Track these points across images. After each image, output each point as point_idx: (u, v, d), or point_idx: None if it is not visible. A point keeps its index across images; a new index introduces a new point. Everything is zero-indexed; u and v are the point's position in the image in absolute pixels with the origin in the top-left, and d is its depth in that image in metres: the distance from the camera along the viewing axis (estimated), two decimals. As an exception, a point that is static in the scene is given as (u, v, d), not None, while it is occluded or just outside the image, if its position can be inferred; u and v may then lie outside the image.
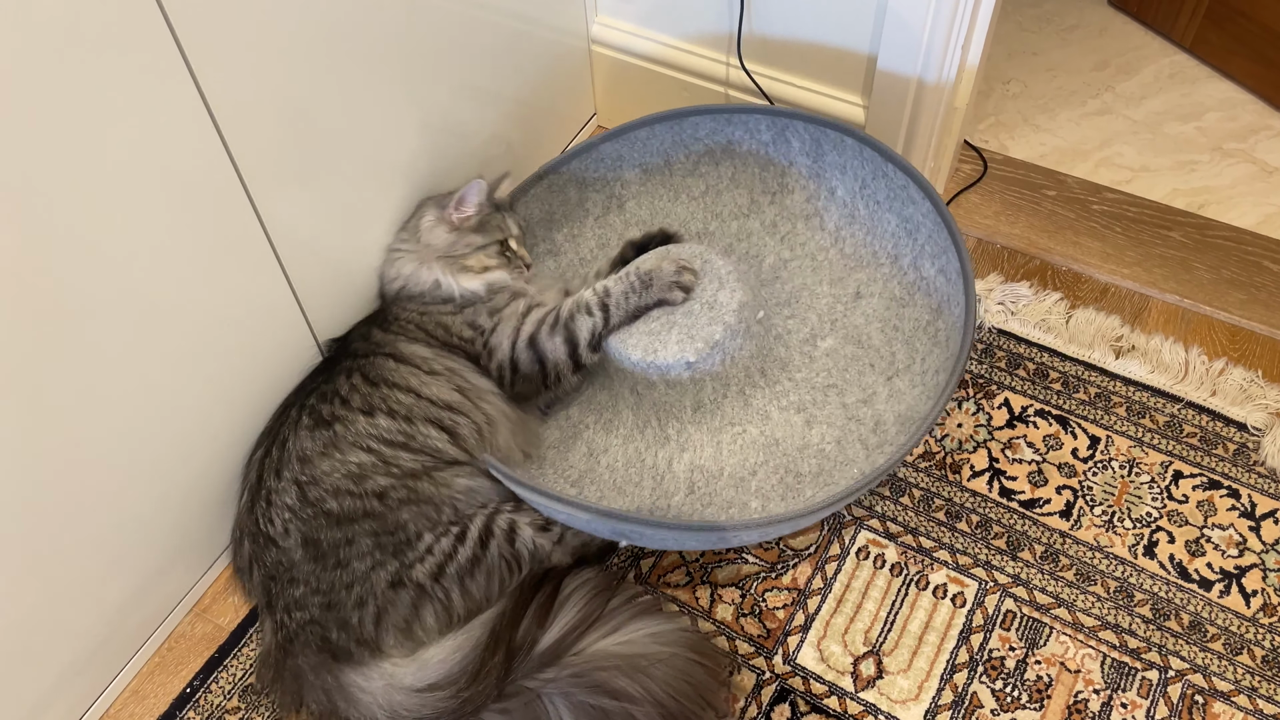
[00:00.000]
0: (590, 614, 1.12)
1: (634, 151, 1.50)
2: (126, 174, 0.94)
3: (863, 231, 1.40)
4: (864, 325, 1.35)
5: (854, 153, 1.36)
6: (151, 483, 1.12)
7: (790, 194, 1.46)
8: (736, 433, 1.29)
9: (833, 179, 1.41)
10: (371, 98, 1.22)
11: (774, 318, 1.35)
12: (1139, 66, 1.88)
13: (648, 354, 1.26)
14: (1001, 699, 1.16)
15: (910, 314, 1.33)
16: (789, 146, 1.43)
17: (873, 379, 1.31)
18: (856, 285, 1.38)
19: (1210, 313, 1.49)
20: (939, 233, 1.28)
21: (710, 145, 1.48)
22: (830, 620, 1.22)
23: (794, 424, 1.29)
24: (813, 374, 1.32)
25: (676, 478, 1.28)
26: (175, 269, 1.04)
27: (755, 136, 1.44)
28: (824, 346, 1.34)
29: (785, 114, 1.39)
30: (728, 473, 1.27)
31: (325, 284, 1.26)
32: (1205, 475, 1.32)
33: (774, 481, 1.25)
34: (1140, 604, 1.22)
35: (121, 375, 1.03)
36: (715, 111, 1.43)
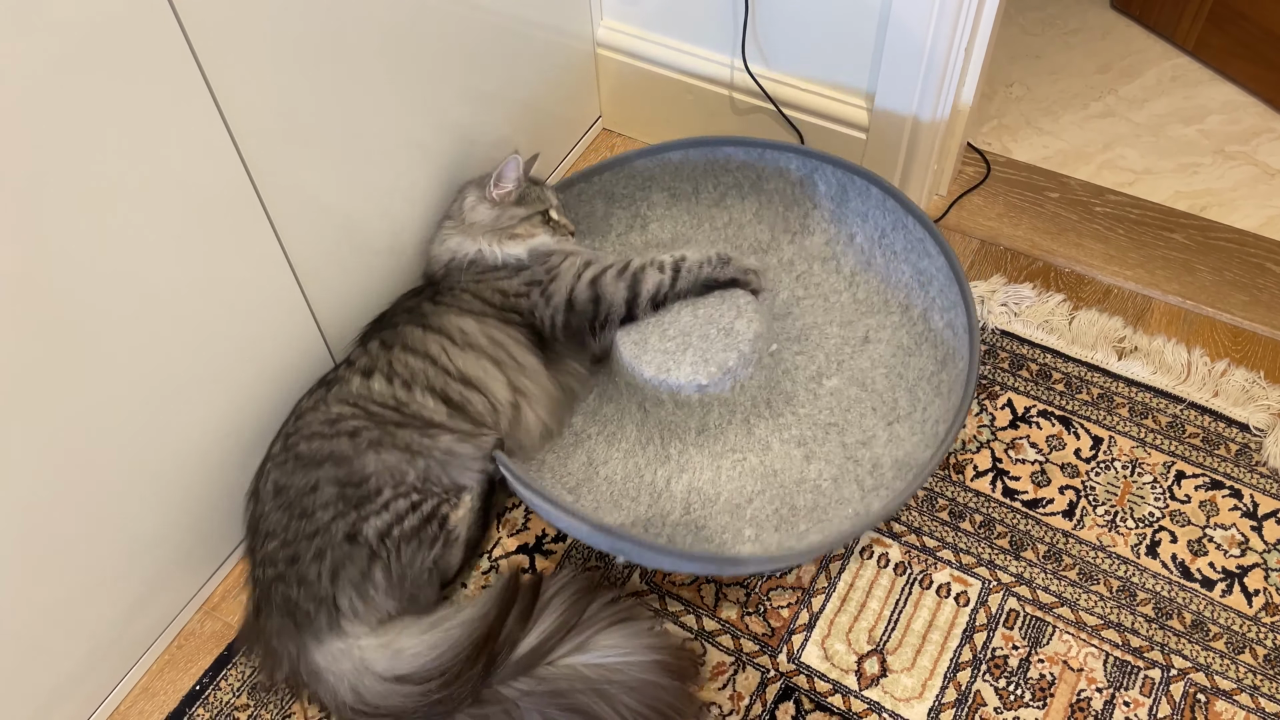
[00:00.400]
0: (568, 622, 1.13)
1: (665, 174, 1.53)
2: (138, 183, 0.95)
3: (877, 279, 1.43)
4: (869, 369, 1.37)
5: (877, 202, 1.40)
6: (161, 483, 1.13)
7: (811, 235, 1.49)
8: (737, 459, 1.31)
9: (853, 225, 1.45)
10: (379, 102, 1.23)
11: (784, 351, 1.37)
12: (1141, 69, 1.89)
13: (660, 371, 1.28)
14: (1005, 697, 1.17)
15: (915, 363, 1.35)
16: (815, 189, 1.47)
17: (873, 422, 1.33)
18: (866, 330, 1.41)
19: (1212, 314, 1.50)
20: (950, 288, 1.31)
21: (739, 178, 1.52)
22: (834, 619, 1.23)
23: (794, 457, 1.31)
24: (816, 411, 1.35)
25: (674, 497, 1.30)
26: (185, 270, 1.05)
27: (784, 176, 1.48)
28: (829, 385, 1.37)
29: (816, 156, 1.43)
30: (724, 498, 1.29)
31: (335, 285, 1.27)
32: (1207, 475, 1.33)
33: (769, 511, 1.27)
34: (1143, 603, 1.23)
35: (129, 375, 1.04)
36: (749, 144, 1.46)
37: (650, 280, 1.30)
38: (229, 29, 0.99)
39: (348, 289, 1.30)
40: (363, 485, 1.15)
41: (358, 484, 1.15)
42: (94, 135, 0.90)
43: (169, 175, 0.99)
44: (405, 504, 1.17)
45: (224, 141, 1.03)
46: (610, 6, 1.64)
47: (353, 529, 1.14)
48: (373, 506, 1.15)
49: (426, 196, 1.38)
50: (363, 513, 1.15)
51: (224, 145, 1.03)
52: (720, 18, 1.54)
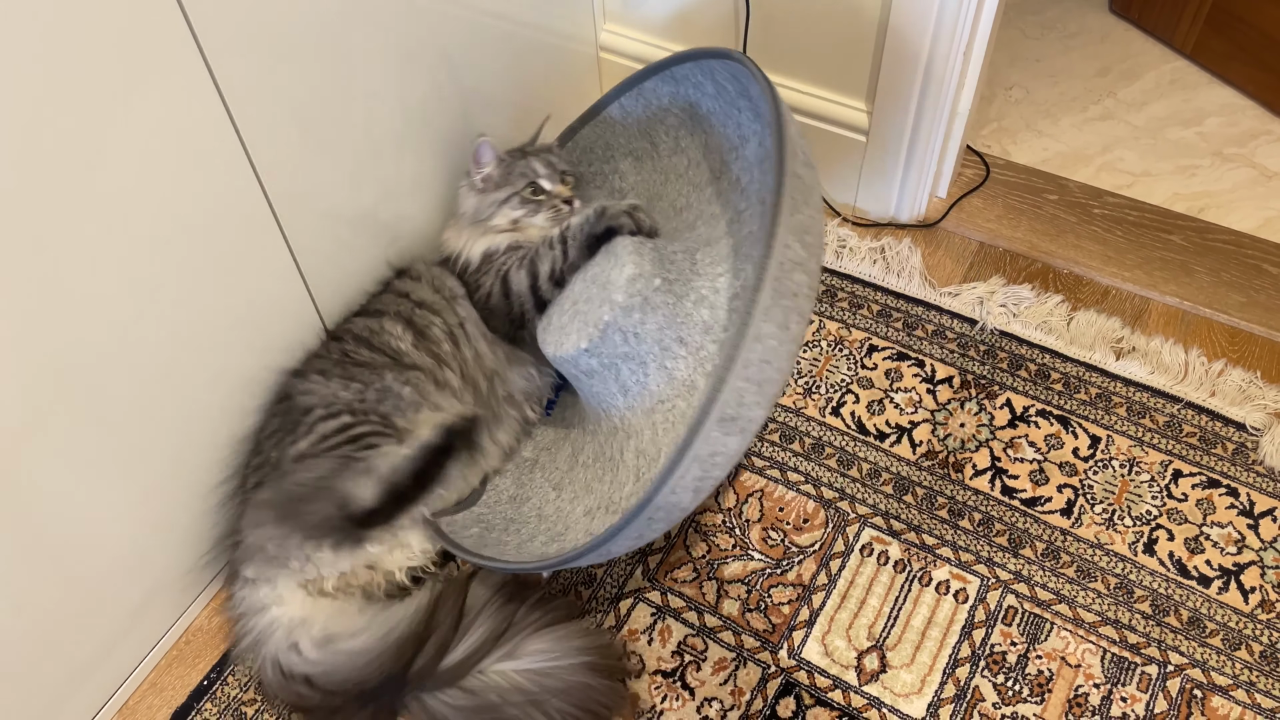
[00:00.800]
0: (496, 629, 1.14)
1: (619, 138, 1.49)
2: (143, 180, 0.97)
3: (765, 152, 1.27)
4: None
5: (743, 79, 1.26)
6: (168, 480, 1.15)
7: (747, 143, 1.33)
8: (666, 410, 1.20)
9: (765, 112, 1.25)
10: (383, 102, 1.25)
11: (698, 280, 1.22)
12: (1140, 73, 1.91)
13: (559, 348, 1.23)
14: (1003, 693, 1.18)
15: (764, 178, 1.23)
16: (728, 93, 1.33)
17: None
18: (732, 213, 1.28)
19: (1210, 315, 1.51)
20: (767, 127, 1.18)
21: (680, 115, 1.41)
22: (834, 615, 1.25)
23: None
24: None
25: (627, 467, 1.22)
26: (190, 265, 1.07)
27: (702, 90, 1.37)
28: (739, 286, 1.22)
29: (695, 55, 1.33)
30: (665, 453, 1.18)
31: (341, 284, 1.29)
32: (1204, 474, 1.34)
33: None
34: (1140, 600, 1.24)
35: (138, 370, 1.05)
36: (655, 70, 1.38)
37: (545, 261, 1.28)
38: (237, 30, 1.00)
39: (351, 284, 1.32)
40: (297, 410, 1.20)
41: (296, 411, 1.20)
42: (99, 131, 0.92)
43: (174, 169, 1.00)
44: (333, 424, 1.18)
45: (234, 143, 1.05)
46: (612, 10, 1.66)
47: (281, 453, 1.17)
48: (302, 428, 1.18)
49: (429, 197, 1.39)
50: (294, 435, 1.18)
51: (234, 147, 1.05)
52: (721, 21, 1.55)
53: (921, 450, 1.39)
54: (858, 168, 1.59)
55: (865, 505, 1.34)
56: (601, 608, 1.27)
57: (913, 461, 1.38)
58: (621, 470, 1.22)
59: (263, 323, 1.20)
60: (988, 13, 1.39)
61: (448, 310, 1.31)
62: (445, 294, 1.32)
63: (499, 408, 1.33)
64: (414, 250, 1.40)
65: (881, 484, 1.36)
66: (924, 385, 1.46)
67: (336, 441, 1.17)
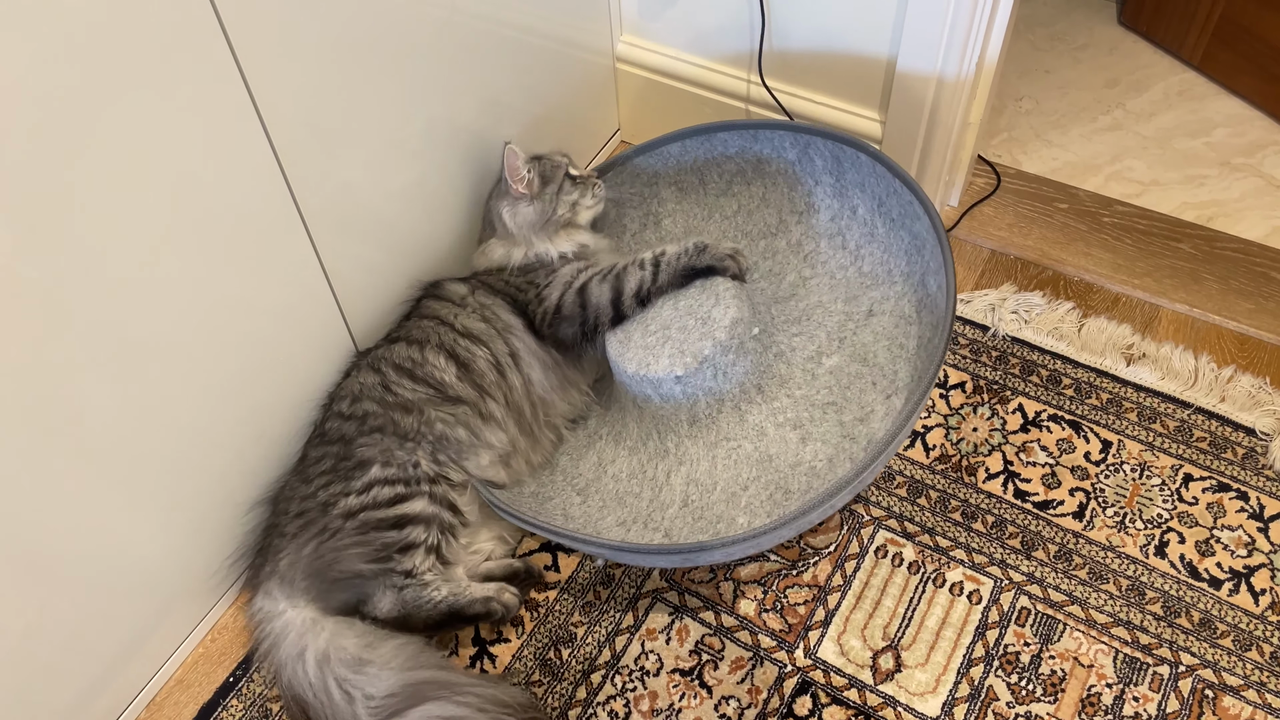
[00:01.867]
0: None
1: (669, 169, 1.55)
2: (177, 187, 1.00)
3: (880, 249, 1.42)
4: (872, 343, 1.36)
5: (869, 170, 1.40)
6: (196, 483, 1.17)
7: (816, 213, 1.49)
8: (731, 448, 1.31)
9: (855, 197, 1.44)
10: (406, 111, 1.27)
11: (778, 334, 1.36)
12: (1149, 84, 1.93)
13: (641, 367, 1.29)
14: (1017, 692, 1.19)
15: (916, 332, 1.34)
16: (813, 165, 1.47)
17: (873, 397, 1.31)
18: (870, 303, 1.40)
19: (1219, 322, 1.53)
20: (936, 252, 1.29)
21: (741, 164, 1.52)
22: (850, 616, 1.26)
23: (789, 440, 1.30)
24: (813, 391, 1.33)
25: (673, 490, 1.31)
26: (221, 276, 1.09)
27: (782, 155, 1.48)
28: (828, 364, 1.35)
29: (806, 130, 1.44)
30: (720, 486, 1.28)
31: (367, 290, 1.32)
32: (1215, 478, 1.36)
33: (763, 498, 1.26)
34: (1151, 602, 1.26)
35: (171, 375, 1.08)
36: (740, 127, 1.47)
37: (632, 278, 1.32)
38: (272, 45, 1.03)
39: (377, 293, 1.35)
40: (354, 459, 1.22)
41: (353, 460, 1.22)
42: (132, 139, 0.94)
43: (209, 179, 1.03)
44: (388, 492, 1.21)
45: (265, 149, 1.07)
46: (630, 22, 1.69)
47: (331, 498, 1.20)
48: (357, 482, 1.20)
49: (451, 203, 1.42)
50: (347, 486, 1.20)
51: (264, 152, 1.08)
52: (737, 33, 1.58)
53: (935, 454, 1.41)
54: (871, 176, 1.61)
55: (880, 508, 1.36)
56: (620, 607, 1.29)
57: (926, 465, 1.40)
58: (666, 492, 1.30)
59: (292, 334, 1.22)
60: (999, 25, 1.42)
61: (497, 340, 1.32)
62: (498, 325, 1.33)
63: (539, 432, 1.36)
64: (438, 260, 1.43)
65: (896, 487, 1.38)
66: (937, 390, 1.48)
67: (386, 518, 1.20)
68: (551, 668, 1.24)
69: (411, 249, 1.38)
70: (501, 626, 1.28)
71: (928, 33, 1.39)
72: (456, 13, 1.29)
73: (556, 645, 1.26)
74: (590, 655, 1.25)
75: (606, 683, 1.23)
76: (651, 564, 1.28)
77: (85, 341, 0.96)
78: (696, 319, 1.30)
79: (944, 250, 1.27)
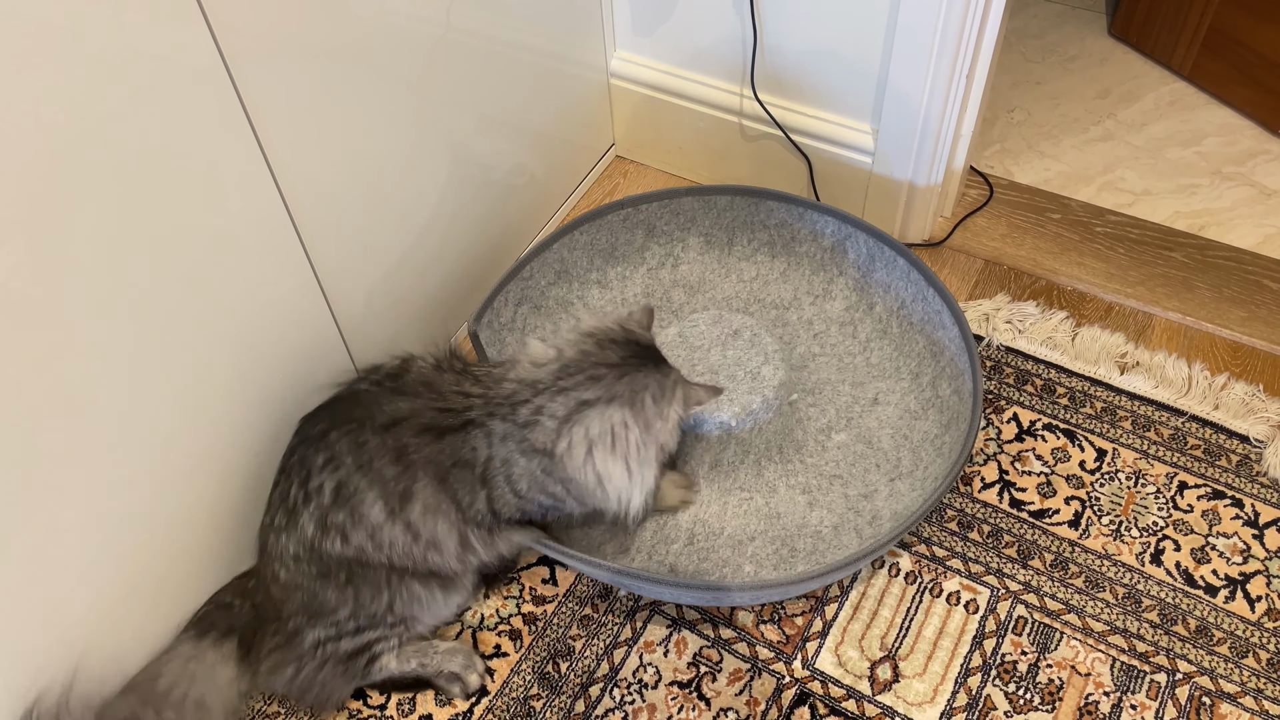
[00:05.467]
0: None
1: (706, 217, 1.59)
2: (172, 205, 1.01)
3: (891, 348, 1.48)
4: (877, 429, 1.42)
5: (902, 273, 1.46)
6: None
7: (832, 300, 1.55)
8: (744, 498, 1.36)
9: (875, 295, 1.51)
10: (398, 129, 1.28)
11: (800, 402, 1.44)
12: (1140, 94, 1.95)
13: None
14: (1014, 701, 1.20)
15: (921, 427, 1.40)
16: (844, 256, 1.53)
17: (876, 477, 1.37)
18: (875, 392, 1.45)
19: (1212, 330, 1.54)
20: (961, 357, 1.35)
21: (775, 235, 1.58)
22: (848, 626, 1.27)
23: (798, 503, 1.35)
24: (823, 462, 1.39)
25: (679, 526, 1.34)
26: (214, 285, 1.10)
27: (818, 240, 1.54)
28: (837, 439, 1.41)
29: (852, 222, 1.49)
30: (728, 533, 1.33)
31: (361, 299, 1.33)
32: (1209, 485, 1.37)
33: (769, 551, 1.31)
34: (1148, 609, 1.26)
35: (170, 375, 1.09)
36: (792, 201, 1.53)
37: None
38: (266, 62, 1.04)
39: (373, 301, 1.36)
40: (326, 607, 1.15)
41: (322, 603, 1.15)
42: (125, 160, 0.95)
43: (201, 193, 1.04)
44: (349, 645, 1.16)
45: (262, 171, 1.09)
46: (623, 38, 1.71)
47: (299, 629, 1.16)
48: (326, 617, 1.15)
49: (443, 216, 1.43)
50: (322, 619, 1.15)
51: (259, 165, 1.09)
52: (730, 48, 1.59)
53: (930, 464, 1.41)
54: (864, 189, 1.62)
55: (876, 518, 1.36)
56: (618, 620, 1.29)
57: (922, 475, 1.40)
58: (671, 527, 1.35)
59: (288, 346, 1.23)
60: (989, 36, 1.43)
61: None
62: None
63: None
64: (433, 275, 1.44)
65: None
66: (932, 400, 1.48)
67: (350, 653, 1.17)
68: (550, 681, 1.24)
69: (407, 265, 1.39)
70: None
71: (918, 45, 1.40)
72: (450, 30, 1.30)
73: (554, 658, 1.26)
74: (588, 668, 1.25)
75: (605, 695, 1.23)
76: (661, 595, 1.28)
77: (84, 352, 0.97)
78: (746, 372, 1.40)
79: (972, 358, 1.32)
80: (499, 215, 1.57)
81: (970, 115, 1.54)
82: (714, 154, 1.75)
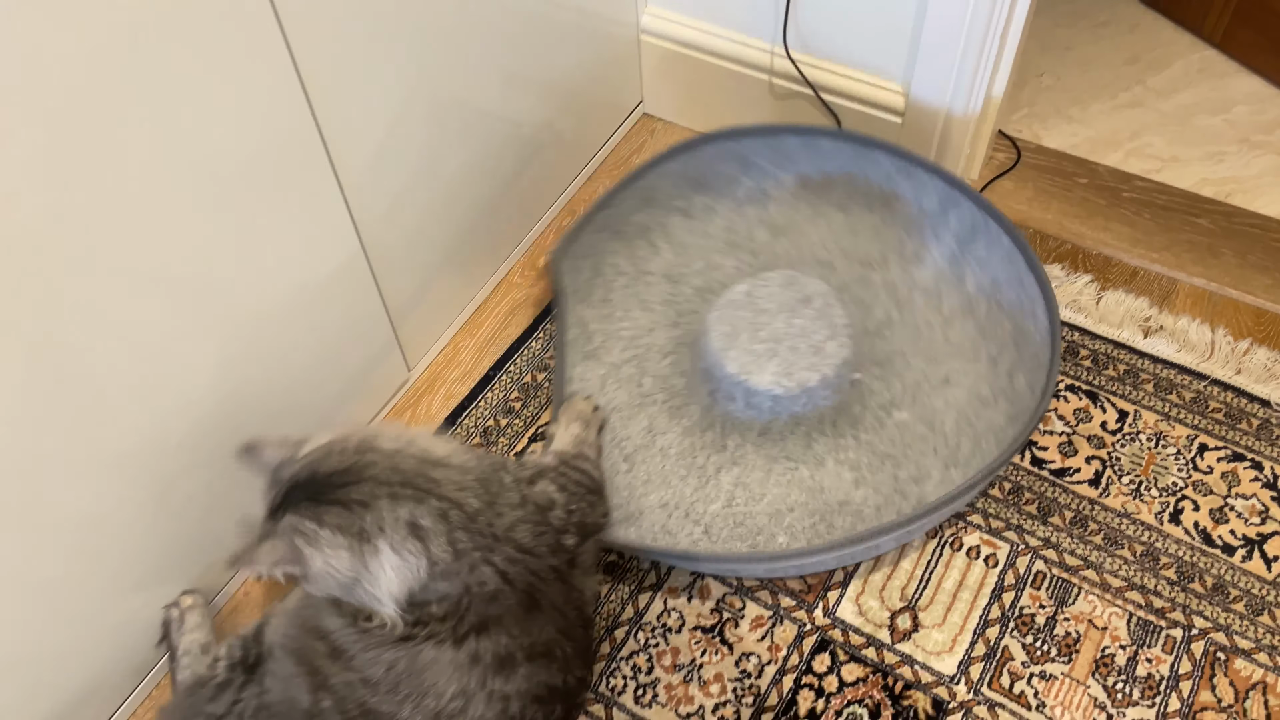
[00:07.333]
0: None
1: (808, 159, 1.53)
2: (212, 152, 1.02)
3: (974, 328, 1.42)
4: (942, 410, 1.37)
5: (1003, 254, 1.40)
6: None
7: (922, 266, 1.49)
8: (789, 467, 1.34)
9: (967, 270, 1.45)
10: (428, 80, 1.29)
11: (865, 377, 1.39)
12: (1169, 61, 1.94)
13: (742, 371, 1.32)
14: (1032, 652, 1.22)
15: (988, 415, 1.34)
16: (944, 224, 1.47)
17: (931, 462, 1.33)
18: (948, 372, 1.40)
19: (1236, 296, 1.55)
20: (1044, 351, 1.31)
21: (874, 190, 1.51)
22: (868, 578, 1.29)
23: (844, 479, 1.33)
24: (878, 440, 1.35)
25: (720, 486, 1.34)
26: (251, 243, 1.12)
27: (921, 201, 1.48)
28: (897, 417, 1.36)
29: (962, 188, 1.43)
30: (767, 500, 1.32)
31: (397, 254, 1.34)
32: (1230, 448, 1.38)
33: (806, 525, 1.29)
34: (1165, 567, 1.28)
35: (211, 338, 1.11)
36: (902, 156, 1.47)
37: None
38: (314, 14, 1.05)
39: (404, 253, 1.37)
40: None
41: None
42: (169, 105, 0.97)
43: (243, 137, 1.05)
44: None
45: (298, 94, 1.10)
46: (654, -6, 1.70)
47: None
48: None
49: (469, 169, 1.44)
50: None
51: (300, 104, 1.10)
52: (763, 3, 1.59)
53: (953, 422, 1.43)
54: (892, 149, 1.63)
55: (898, 473, 1.38)
56: (643, 566, 1.31)
57: (944, 432, 1.42)
58: (712, 486, 1.34)
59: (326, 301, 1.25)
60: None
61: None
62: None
63: None
64: (460, 221, 1.45)
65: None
66: (955, 360, 1.50)
67: None
68: (576, 624, 1.27)
69: (433, 216, 1.40)
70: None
71: (953, 4, 1.40)
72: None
73: (581, 602, 1.29)
74: (613, 612, 1.28)
75: (630, 638, 1.26)
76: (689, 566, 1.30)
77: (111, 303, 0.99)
78: (809, 345, 1.34)
79: (1054, 352, 1.29)
80: (525, 171, 1.57)
81: (1002, 77, 1.54)
82: (742, 112, 1.75)
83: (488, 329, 1.58)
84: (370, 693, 0.98)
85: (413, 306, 1.43)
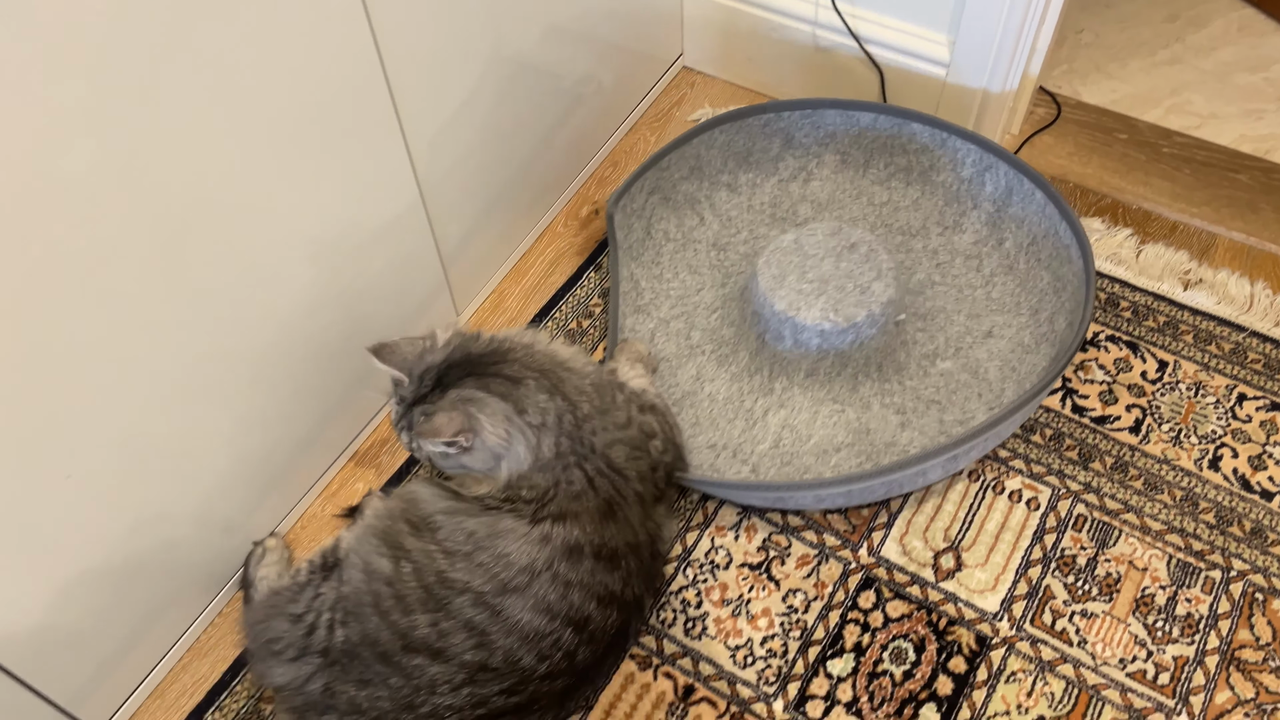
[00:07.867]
0: None
1: (846, 134, 1.58)
2: (284, 103, 1.04)
3: (1015, 284, 1.47)
4: (985, 360, 1.41)
5: (1038, 207, 1.43)
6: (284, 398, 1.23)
7: (962, 233, 1.54)
8: (835, 409, 1.37)
9: (1006, 230, 1.50)
10: (490, 42, 1.30)
11: (908, 324, 1.43)
12: (1208, 19, 1.94)
13: (790, 308, 1.35)
14: (1073, 591, 1.25)
15: (1031, 360, 1.39)
16: (983, 188, 1.51)
17: (976, 406, 1.36)
18: (991, 325, 1.44)
19: (1275, 250, 1.56)
20: (1080, 290, 1.34)
21: (912, 163, 1.57)
22: (912, 519, 1.32)
23: (890, 421, 1.36)
24: (922, 386, 1.39)
25: (767, 428, 1.37)
26: (317, 191, 1.14)
27: (957, 170, 1.53)
28: (941, 366, 1.41)
29: (996, 151, 1.47)
30: (814, 440, 1.35)
31: (447, 204, 1.36)
32: (1269, 398, 1.40)
33: (852, 464, 1.33)
34: (1204, 511, 1.30)
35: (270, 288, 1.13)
36: (938, 126, 1.50)
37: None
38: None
39: (456, 204, 1.39)
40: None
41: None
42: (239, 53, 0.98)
43: (311, 89, 1.07)
44: None
45: (369, 45, 1.11)
46: (698, -54, 1.71)
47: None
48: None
49: (518, 127, 1.45)
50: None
51: (368, 48, 1.12)
52: (808, -45, 1.60)
53: (994, 370, 1.45)
54: (935, 102, 1.64)
55: (941, 419, 1.40)
56: (690, 505, 1.34)
57: (986, 380, 1.44)
58: (759, 427, 1.37)
59: (382, 246, 1.27)
60: (1073, -52, 1.43)
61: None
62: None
63: None
64: (511, 171, 1.46)
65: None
66: (996, 310, 1.51)
67: None
68: (626, 560, 1.30)
69: (485, 169, 1.42)
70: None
71: (1002, -46, 1.41)
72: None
73: (630, 539, 1.32)
74: (662, 550, 1.31)
75: (679, 574, 1.29)
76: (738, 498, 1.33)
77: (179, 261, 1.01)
78: (856, 285, 1.37)
79: (1088, 294, 1.32)
80: (567, 123, 1.58)
81: (1048, 28, 1.54)
82: (784, 65, 1.76)
83: (533, 276, 1.60)
84: (449, 562, 1.05)
85: (462, 253, 1.45)
